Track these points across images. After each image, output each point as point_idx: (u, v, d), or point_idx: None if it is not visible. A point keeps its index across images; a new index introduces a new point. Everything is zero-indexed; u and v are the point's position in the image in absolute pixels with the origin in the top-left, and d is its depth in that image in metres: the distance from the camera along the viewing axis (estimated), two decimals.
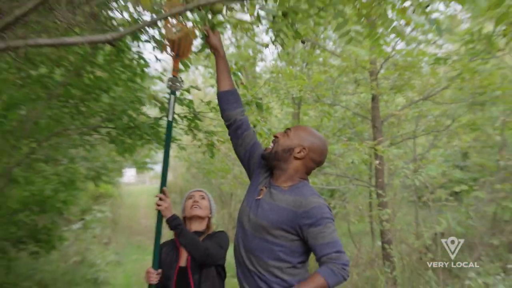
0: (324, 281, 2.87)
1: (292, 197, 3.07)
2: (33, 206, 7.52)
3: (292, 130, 3.22)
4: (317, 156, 3.19)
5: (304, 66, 11.62)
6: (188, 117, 6.62)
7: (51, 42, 2.70)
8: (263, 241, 3.10)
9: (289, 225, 3.01)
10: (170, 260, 3.85)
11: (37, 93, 6.77)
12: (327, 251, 2.92)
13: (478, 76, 8.80)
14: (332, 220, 2.98)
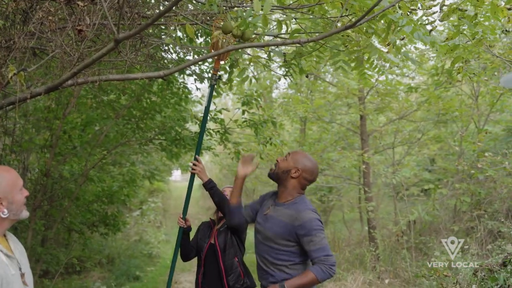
0: (314, 276, 2.93)
1: (290, 212, 3.10)
2: (103, 198, 7.58)
3: (290, 155, 3.24)
4: (309, 176, 3.19)
5: (308, 93, 11.64)
6: (220, 132, 6.67)
7: (118, 78, 2.77)
8: (270, 248, 3.14)
9: (289, 235, 3.05)
10: (204, 236, 3.91)
11: (107, 114, 6.87)
12: (317, 254, 2.95)
13: (441, 101, 8.78)
14: (321, 230, 3.00)
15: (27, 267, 2.22)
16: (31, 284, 2.20)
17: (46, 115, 6.57)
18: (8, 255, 2.07)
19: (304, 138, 12.04)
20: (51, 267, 8.26)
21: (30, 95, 2.44)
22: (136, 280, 10.95)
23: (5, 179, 2.13)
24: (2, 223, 2.11)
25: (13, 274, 2.02)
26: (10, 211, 2.11)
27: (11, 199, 2.12)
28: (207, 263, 3.80)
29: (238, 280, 3.70)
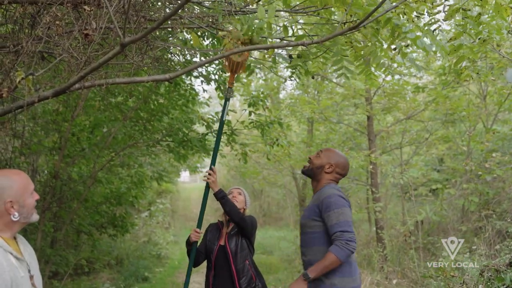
0: (334, 256, 2.93)
1: (317, 195, 3.25)
2: (112, 200, 7.63)
3: (322, 152, 3.40)
4: (341, 170, 3.35)
5: (315, 94, 11.64)
6: (227, 133, 6.69)
7: (124, 81, 2.80)
8: (305, 234, 3.25)
9: (316, 215, 3.14)
10: (213, 239, 3.92)
11: (115, 116, 6.91)
12: (333, 230, 2.99)
13: (449, 100, 8.75)
14: (340, 206, 3.04)
15: (37, 269, 2.25)
16: (40, 286, 2.23)
17: (55, 118, 6.63)
18: (18, 257, 2.10)
19: (312, 139, 12.03)
20: (60, 268, 8.32)
21: (38, 98, 2.47)
22: (145, 281, 10.99)
23: (17, 183, 2.16)
24: (13, 226, 2.14)
25: (22, 276, 2.05)
26: (21, 214, 2.14)
27: (22, 202, 2.15)
28: (217, 265, 3.82)
29: (250, 283, 3.73)
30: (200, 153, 7.08)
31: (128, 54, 3.10)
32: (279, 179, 15.11)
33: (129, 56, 3.06)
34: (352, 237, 2.95)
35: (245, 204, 3.99)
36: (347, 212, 3.05)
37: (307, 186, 13.34)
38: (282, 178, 15.36)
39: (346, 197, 3.17)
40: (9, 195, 2.11)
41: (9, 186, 2.13)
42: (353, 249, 2.95)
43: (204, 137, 6.71)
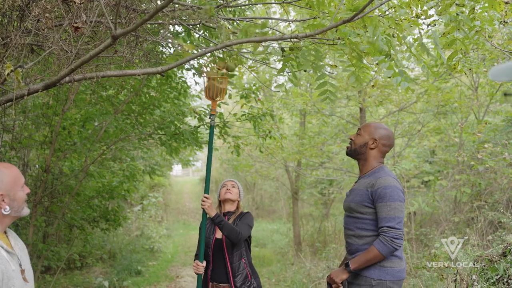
0: (377, 252, 2.94)
1: (368, 180, 3.13)
2: (104, 193, 7.59)
3: (362, 129, 3.30)
4: (387, 141, 3.25)
5: (308, 86, 11.64)
6: (220, 126, 6.67)
7: (116, 74, 2.78)
8: (353, 218, 3.18)
9: (368, 201, 3.07)
10: (209, 232, 3.90)
11: (106, 109, 6.88)
12: (381, 224, 2.97)
13: (440, 92, 8.78)
14: (395, 199, 2.98)
15: (28, 264, 2.24)
16: (32, 281, 2.22)
17: (45, 112, 6.57)
18: (9, 251, 2.08)
19: (304, 131, 12.04)
20: (52, 263, 8.30)
21: (28, 91, 2.45)
22: (138, 275, 11.00)
23: (7, 176, 2.15)
24: (3, 219, 2.13)
25: (13, 270, 2.04)
26: (11, 208, 2.13)
27: (13, 196, 2.14)
28: (214, 259, 3.84)
29: (245, 282, 3.74)
30: (192, 146, 7.05)
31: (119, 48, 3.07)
32: (271, 172, 15.12)
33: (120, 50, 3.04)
34: (399, 234, 2.93)
35: (239, 196, 4.00)
36: (399, 207, 2.99)
37: (300, 179, 13.36)
38: (275, 171, 15.37)
39: (402, 188, 3.11)
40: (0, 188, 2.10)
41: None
42: (398, 247, 2.94)
43: (196, 130, 6.69)
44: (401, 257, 3.08)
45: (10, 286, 1.99)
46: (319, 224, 13.78)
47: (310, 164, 12.23)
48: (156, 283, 10.57)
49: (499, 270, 3.92)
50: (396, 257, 3.03)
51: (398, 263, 3.05)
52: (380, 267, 3.01)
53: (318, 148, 11.25)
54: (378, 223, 3.01)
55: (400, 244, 2.94)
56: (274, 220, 20.23)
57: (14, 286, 2.01)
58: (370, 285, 3.02)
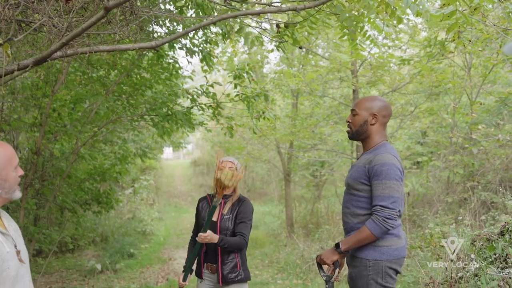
0: (368, 231, 2.84)
1: (369, 156, 3.01)
2: (96, 176, 7.50)
3: (357, 108, 3.13)
4: (386, 112, 3.11)
5: (300, 67, 11.55)
6: (213, 106, 6.59)
7: (108, 48, 2.69)
8: (350, 195, 3.08)
9: (364, 178, 2.95)
10: (204, 214, 3.81)
11: (97, 90, 6.77)
12: (375, 202, 2.87)
13: (434, 73, 8.73)
14: (392, 178, 2.85)
15: (22, 245, 2.16)
16: (27, 262, 2.15)
17: (34, 93, 6.45)
18: (3, 232, 2.01)
19: (296, 113, 11.98)
20: (44, 246, 8.23)
21: (17, 67, 2.35)
22: (131, 257, 10.98)
23: (1, 156, 2.04)
24: None
25: (8, 251, 1.96)
26: (2, 188, 2.03)
27: (5, 176, 2.04)
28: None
29: (233, 271, 3.66)
30: (184, 127, 6.96)
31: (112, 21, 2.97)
32: (263, 154, 15.07)
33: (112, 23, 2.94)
34: (392, 214, 2.82)
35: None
36: (395, 186, 2.86)
37: (292, 161, 13.34)
38: (267, 153, 15.33)
39: (402, 166, 2.99)
40: None
41: None
42: (391, 227, 2.84)
43: (189, 111, 6.60)
44: (399, 235, 2.97)
45: (5, 268, 1.92)
46: (311, 206, 13.80)
47: (302, 146, 12.19)
48: (148, 266, 10.55)
49: (497, 249, 3.90)
50: (392, 235, 2.92)
51: (395, 242, 2.95)
52: (374, 247, 2.92)
53: (310, 129, 11.21)
54: (372, 202, 2.90)
55: (393, 224, 2.84)
56: (266, 202, 20.27)
57: (10, 268, 1.94)
58: (366, 267, 2.93)
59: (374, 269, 2.92)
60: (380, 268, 2.92)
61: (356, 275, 3.01)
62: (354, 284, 3.04)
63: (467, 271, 4.00)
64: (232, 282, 3.66)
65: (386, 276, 2.93)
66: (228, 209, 3.72)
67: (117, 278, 9.27)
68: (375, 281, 2.92)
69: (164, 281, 8.98)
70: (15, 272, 1.97)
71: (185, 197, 23.67)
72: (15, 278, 1.97)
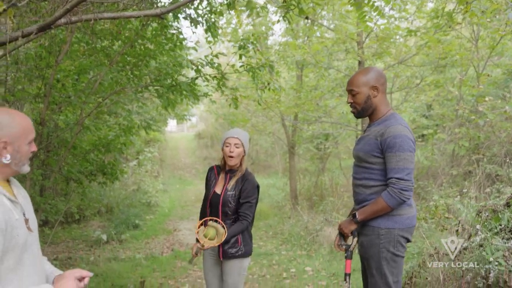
0: (384, 203, 2.88)
1: (378, 128, 3.01)
2: (100, 147, 7.50)
3: (354, 87, 3.09)
4: (383, 79, 3.09)
5: (306, 39, 11.44)
6: (217, 77, 6.54)
7: (113, 16, 2.65)
8: (362, 168, 3.09)
9: (377, 151, 2.96)
10: (210, 184, 3.84)
11: (101, 61, 6.72)
12: (390, 175, 2.88)
13: (441, 45, 8.63)
14: (405, 150, 2.86)
15: (32, 213, 2.16)
16: (36, 230, 2.15)
17: (38, 63, 6.41)
18: (12, 199, 2.00)
19: (301, 85, 11.91)
20: (50, 217, 8.30)
21: (22, 34, 2.32)
22: (136, 228, 11.08)
23: (18, 125, 2.03)
24: (3, 169, 2.03)
25: (17, 219, 1.97)
26: (13, 159, 2.02)
27: (18, 147, 2.03)
28: (211, 212, 3.78)
29: (234, 246, 3.69)
30: (188, 99, 6.93)
31: None
32: (268, 127, 15.06)
33: None
34: (408, 186, 2.85)
35: (243, 152, 3.75)
36: (409, 158, 2.87)
37: (297, 133, 13.33)
38: (271, 126, 15.32)
39: (414, 137, 2.98)
40: (5, 135, 1.98)
41: (8, 125, 2.00)
42: (406, 199, 2.87)
43: (193, 82, 6.55)
44: (410, 204, 3.01)
45: (14, 236, 1.92)
46: (315, 178, 13.84)
47: (307, 119, 12.16)
48: (154, 236, 10.66)
49: (503, 220, 3.91)
50: (405, 204, 2.96)
51: (407, 210, 2.99)
52: (387, 215, 2.96)
53: (315, 102, 11.16)
54: (387, 174, 2.92)
55: (409, 196, 2.87)
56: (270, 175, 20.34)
57: (18, 236, 1.95)
58: (378, 235, 2.98)
59: (386, 238, 2.96)
60: (392, 237, 2.96)
61: (367, 243, 3.04)
62: (365, 252, 3.07)
63: (472, 242, 4.02)
64: (233, 257, 3.70)
65: (398, 245, 2.97)
66: (232, 185, 3.72)
67: (122, 249, 9.38)
68: (386, 249, 2.96)
69: (169, 252, 9.08)
70: (24, 240, 1.98)
71: (189, 170, 23.77)
72: (23, 246, 1.98)
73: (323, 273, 6.75)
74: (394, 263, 2.98)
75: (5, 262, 1.89)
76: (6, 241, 1.88)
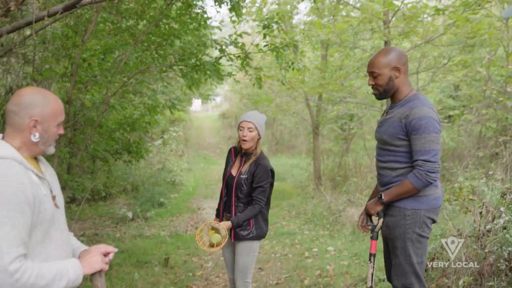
0: (411, 185, 2.87)
1: (402, 110, 2.98)
2: (125, 126, 7.60)
3: (376, 68, 3.04)
4: (404, 59, 3.05)
5: (331, 18, 11.30)
6: (241, 57, 6.53)
7: None
8: (387, 150, 3.07)
9: (402, 134, 2.94)
10: (227, 166, 3.93)
11: (126, 40, 6.77)
12: (417, 157, 2.86)
13: (469, 24, 8.43)
14: (431, 131, 2.83)
15: (58, 190, 2.21)
16: (62, 207, 2.20)
17: (65, 43, 6.49)
18: (39, 175, 2.05)
19: (326, 65, 11.81)
20: (77, 194, 8.48)
21: (48, 13, 2.35)
22: (161, 206, 11.25)
23: (50, 106, 2.08)
24: (32, 147, 2.08)
25: (44, 194, 2.02)
26: (41, 138, 2.07)
27: (47, 127, 2.07)
28: (227, 193, 3.88)
29: (245, 228, 3.75)
30: (212, 78, 6.94)
31: None
32: (292, 107, 15.01)
33: None
34: (435, 167, 2.83)
35: (258, 135, 3.76)
36: (435, 139, 2.85)
37: (321, 114, 13.26)
38: (295, 106, 15.26)
39: (439, 117, 2.95)
40: (37, 114, 2.03)
41: (41, 104, 2.05)
42: (433, 180, 2.86)
43: (217, 61, 6.56)
44: (437, 185, 2.99)
45: (42, 210, 1.97)
46: (339, 159, 13.79)
47: (332, 99, 12.06)
48: (178, 215, 10.81)
49: None
50: (431, 185, 2.93)
51: (433, 191, 2.98)
52: (413, 196, 2.95)
53: (340, 82, 11.05)
54: (413, 156, 2.90)
55: (436, 177, 2.85)
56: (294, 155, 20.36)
57: (46, 210, 2.00)
58: (404, 216, 2.97)
59: (412, 218, 2.95)
60: (418, 218, 2.95)
61: (393, 224, 3.04)
62: (390, 232, 3.07)
63: (496, 224, 3.98)
64: (244, 239, 3.76)
65: (423, 226, 2.96)
66: (246, 169, 3.77)
67: (147, 226, 9.55)
68: (412, 230, 2.96)
69: (193, 230, 9.21)
70: (51, 215, 2.03)
71: (213, 149, 23.92)
72: (51, 221, 2.03)
73: (345, 253, 6.77)
74: (419, 244, 2.97)
75: (33, 236, 1.95)
76: (35, 215, 1.93)
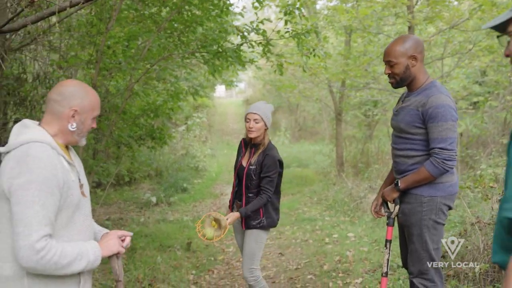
0: (427, 173, 2.88)
1: (418, 98, 2.99)
2: (149, 112, 7.70)
3: (392, 57, 3.03)
4: (421, 48, 3.05)
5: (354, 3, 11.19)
6: (263, 43, 6.55)
7: None
8: (403, 139, 3.09)
9: (419, 122, 2.96)
10: (238, 157, 4.03)
11: (149, 27, 6.84)
12: (433, 145, 2.88)
13: (496, 8, 8.27)
14: (448, 119, 2.85)
15: (85, 180, 2.31)
16: (88, 196, 2.29)
17: (89, 30, 6.59)
18: (70, 162, 2.14)
19: (349, 51, 11.72)
20: (103, 179, 8.64)
21: (70, 3, 2.42)
22: (184, 192, 11.38)
23: (89, 100, 2.17)
24: (67, 135, 2.16)
25: (73, 180, 2.10)
26: (78, 128, 2.16)
27: (84, 119, 2.16)
28: (238, 183, 3.98)
29: (255, 217, 3.81)
30: (234, 65, 6.98)
31: None
32: (315, 93, 14.96)
33: None
34: (451, 155, 2.85)
35: (264, 125, 3.81)
36: (452, 127, 2.87)
37: (344, 100, 13.20)
38: (318, 92, 15.21)
39: (455, 105, 2.96)
40: (77, 105, 2.13)
41: (82, 96, 2.15)
42: (450, 168, 2.87)
43: (239, 48, 6.59)
44: (453, 172, 3.01)
45: (69, 195, 2.06)
46: (362, 145, 13.73)
47: (355, 85, 11.99)
48: (201, 200, 10.94)
49: None
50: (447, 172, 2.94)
51: (449, 178, 2.99)
52: (430, 183, 2.96)
53: (363, 68, 10.97)
54: (430, 144, 2.91)
55: (452, 165, 2.87)
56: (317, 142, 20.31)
57: (73, 196, 2.08)
58: (421, 202, 2.98)
59: (428, 205, 2.97)
60: (435, 204, 2.96)
61: (409, 211, 3.06)
62: (407, 219, 3.09)
63: None
64: (254, 227, 3.83)
65: (440, 212, 2.98)
66: (255, 160, 3.83)
67: (171, 211, 9.69)
68: (428, 217, 2.97)
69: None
70: (77, 200, 2.12)
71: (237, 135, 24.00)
72: (76, 206, 2.12)
73: (365, 239, 6.79)
74: (435, 231, 2.99)
75: (58, 219, 2.04)
76: (62, 199, 2.03)
